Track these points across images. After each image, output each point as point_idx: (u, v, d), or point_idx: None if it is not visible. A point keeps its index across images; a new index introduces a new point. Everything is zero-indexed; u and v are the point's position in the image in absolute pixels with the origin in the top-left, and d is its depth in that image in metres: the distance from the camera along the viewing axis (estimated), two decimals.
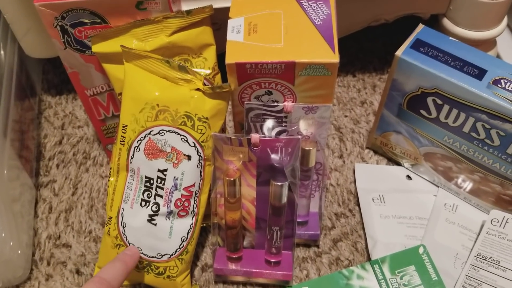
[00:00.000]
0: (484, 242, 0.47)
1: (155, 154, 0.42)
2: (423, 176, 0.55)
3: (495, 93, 0.42)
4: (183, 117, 0.41)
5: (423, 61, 0.45)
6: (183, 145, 0.41)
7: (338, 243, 0.51)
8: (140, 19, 0.42)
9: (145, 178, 0.42)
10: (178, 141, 0.41)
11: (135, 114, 0.42)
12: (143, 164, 0.42)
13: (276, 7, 0.42)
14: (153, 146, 0.41)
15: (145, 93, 0.41)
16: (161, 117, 0.41)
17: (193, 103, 0.41)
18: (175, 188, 0.42)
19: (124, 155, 0.43)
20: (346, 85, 0.65)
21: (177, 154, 0.42)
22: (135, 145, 0.42)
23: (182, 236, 0.44)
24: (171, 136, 0.41)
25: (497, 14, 0.55)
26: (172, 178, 0.42)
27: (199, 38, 0.44)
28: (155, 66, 0.41)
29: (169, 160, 0.42)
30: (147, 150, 0.42)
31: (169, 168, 0.42)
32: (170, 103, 0.41)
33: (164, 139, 0.41)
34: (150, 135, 0.41)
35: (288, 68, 0.39)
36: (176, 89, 0.41)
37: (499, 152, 0.45)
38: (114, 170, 0.44)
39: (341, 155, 0.58)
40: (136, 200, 0.43)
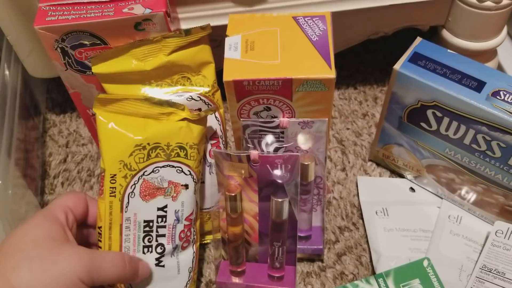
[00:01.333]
0: (489, 254, 0.47)
1: (152, 194, 0.41)
2: (427, 188, 0.54)
3: (494, 105, 0.42)
4: (176, 149, 0.41)
5: (422, 74, 0.45)
6: (179, 176, 0.41)
7: (342, 257, 0.51)
8: (139, 40, 0.43)
9: (144, 223, 0.41)
10: (174, 174, 0.41)
11: (124, 160, 0.40)
12: (140, 208, 0.41)
13: (273, 25, 0.43)
14: (149, 186, 0.41)
15: (132, 137, 0.41)
16: (153, 155, 0.41)
17: (183, 133, 0.41)
18: (178, 221, 0.42)
19: (117, 207, 0.41)
20: (348, 97, 0.65)
21: (175, 186, 0.41)
22: (129, 192, 0.40)
23: (189, 267, 0.43)
24: (166, 170, 0.41)
25: (496, 24, 0.56)
26: (173, 212, 0.41)
27: (197, 56, 0.45)
28: (134, 107, 0.41)
29: (168, 195, 0.41)
30: (143, 192, 0.40)
31: (169, 203, 0.41)
32: (161, 138, 0.41)
33: (160, 176, 0.41)
34: (144, 176, 0.40)
35: (285, 84, 0.40)
36: (163, 124, 0.41)
37: (501, 164, 0.45)
38: (106, 228, 0.41)
39: (344, 168, 0.58)
40: (138, 250, 0.41)
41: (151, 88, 0.45)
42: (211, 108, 0.41)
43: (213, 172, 0.48)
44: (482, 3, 0.53)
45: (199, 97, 0.45)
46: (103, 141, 0.41)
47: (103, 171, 0.41)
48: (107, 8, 0.42)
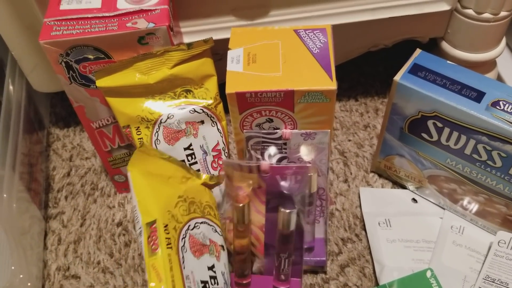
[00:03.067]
0: (492, 264, 0.47)
1: (200, 251, 0.38)
2: (429, 198, 0.55)
3: (494, 115, 0.43)
4: (207, 207, 0.41)
5: (422, 85, 0.45)
6: (215, 236, 0.41)
7: (345, 269, 0.51)
8: (143, 53, 0.43)
9: (201, 284, 0.36)
10: (211, 232, 0.40)
11: (171, 211, 0.37)
12: (195, 265, 0.37)
13: (274, 38, 0.43)
14: (196, 242, 0.38)
15: (174, 187, 0.39)
16: (192, 210, 0.39)
17: (207, 194, 0.42)
18: (226, 283, 0.39)
19: (176, 261, 0.35)
20: (349, 109, 0.66)
21: (215, 245, 0.39)
22: (181, 245, 0.36)
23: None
24: (204, 227, 0.40)
25: (494, 36, 0.56)
26: (221, 273, 0.39)
27: (200, 69, 0.45)
28: (164, 168, 0.40)
29: (212, 253, 0.39)
30: (192, 247, 0.37)
31: (215, 263, 0.39)
32: (194, 194, 0.40)
33: (202, 232, 0.39)
34: (189, 231, 0.38)
35: (287, 96, 0.40)
36: (190, 183, 0.41)
37: (502, 173, 0.45)
38: (169, 286, 0.34)
39: (346, 179, 0.59)
40: None
41: (155, 101, 0.45)
42: (220, 175, 0.43)
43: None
44: (480, 15, 0.53)
45: (202, 109, 0.46)
46: (145, 192, 0.38)
47: (153, 222, 0.36)
48: (111, 23, 0.43)
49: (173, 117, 0.45)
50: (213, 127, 0.47)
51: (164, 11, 0.44)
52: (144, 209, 0.36)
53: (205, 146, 0.46)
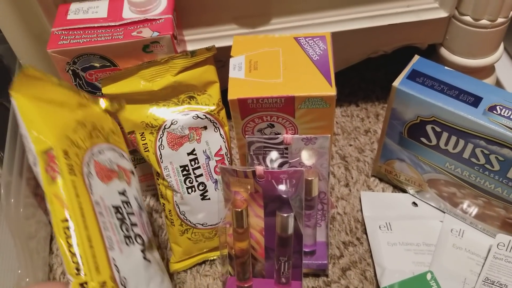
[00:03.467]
0: (491, 266, 0.47)
1: (108, 176, 0.35)
2: (429, 202, 0.55)
3: (491, 119, 0.43)
4: (110, 134, 0.38)
5: (420, 91, 0.46)
6: (123, 161, 0.38)
7: (347, 272, 0.52)
8: (147, 61, 0.44)
9: (113, 209, 0.34)
10: (118, 158, 0.37)
11: (69, 136, 0.34)
12: (104, 191, 0.34)
13: (275, 45, 0.44)
14: (103, 168, 0.35)
15: (69, 112, 0.35)
16: (94, 135, 0.36)
17: (109, 120, 0.39)
18: (140, 208, 0.37)
19: (82, 188, 0.32)
20: (350, 114, 0.67)
21: (124, 171, 0.37)
22: (86, 171, 0.33)
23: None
24: (110, 153, 0.37)
25: (492, 42, 0.57)
26: (134, 198, 0.37)
27: (203, 76, 0.46)
28: (56, 94, 0.36)
29: (121, 178, 0.36)
30: (99, 173, 0.35)
31: (126, 187, 0.36)
32: (94, 120, 0.37)
33: (108, 158, 0.36)
34: (94, 157, 0.35)
35: (288, 101, 0.41)
36: (88, 109, 0.37)
37: (500, 177, 0.46)
38: (77, 217, 0.31)
39: (347, 183, 0.59)
40: (121, 240, 0.34)
41: (159, 108, 0.46)
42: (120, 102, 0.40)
43: (218, 188, 0.49)
44: (478, 21, 0.54)
45: (205, 115, 0.47)
46: (35, 118, 0.33)
47: (49, 150, 0.32)
48: (116, 32, 0.44)
49: (176, 123, 0.46)
50: (216, 133, 0.48)
51: (168, 21, 0.45)
52: (36, 138, 0.32)
53: (208, 151, 0.47)
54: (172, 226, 0.50)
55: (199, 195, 0.48)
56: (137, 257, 0.34)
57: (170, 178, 0.47)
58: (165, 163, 0.47)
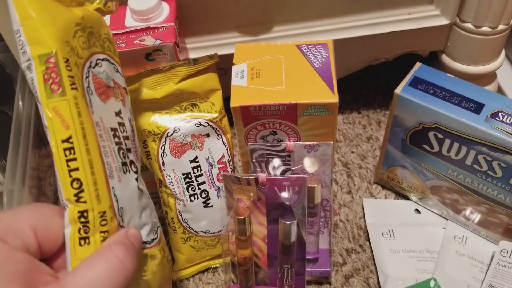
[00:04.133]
0: (494, 273, 0.47)
1: (106, 93, 0.31)
2: (432, 209, 0.55)
3: (493, 126, 0.43)
4: (106, 41, 0.32)
5: (422, 98, 0.46)
6: (117, 76, 0.33)
7: (350, 279, 0.52)
8: (150, 69, 0.44)
9: (111, 132, 0.31)
10: (113, 72, 0.33)
11: (69, 42, 0.28)
12: (103, 110, 0.30)
13: (277, 53, 0.45)
14: (100, 83, 0.31)
15: (69, 11, 0.29)
16: (92, 43, 0.31)
17: (104, 24, 0.33)
18: (133, 131, 0.33)
19: (83, 106, 0.28)
20: (352, 121, 0.67)
21: (119, 88, 0.33)
22: (85, 86, 0.29)
23: None
24: (106, 65, 0.32)
25: (494, 48, 0.57)
26: (128, 120, 0.33)
27: (205, 84, 0.47)
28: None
29: (117, 97, 0.32)
30: (98, 89, 0.30)
31: (121, 108, 0.32)
32: (92, 23, 0.31)
33: (104, 71, 0.31)
34: (92, 69, 0.30)
35: (290, 109, 0.41)
36: (85, 8, 0.31)
37: (503, 183, 0.46)
38: (79, 138, 0.27)
39: (350, 190, 0.59)
40: (119, 167, 0.30)
41: (161, 116, 0.46)
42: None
43: (221, 196, 0.49)
44: (479, 28, 0.54)
45: (207, 122, 0.47)
46: (36, 11, 0.27)
47: (50, 55, 0.27)
48: (119, 40, 0.44)
49: (179, 130, 0.46)
50: (219, 140, 0.48)
51: (170, 29, 0.45)
52: (34, 36, 0.27)
53: (211, 159, 0.47)
54: (175, 234, 0.50)
55: (202, 203, 0.48)
56: (133, 186, 0.31)
57: (173, 185, 0.47)
58: (167, 170, 0.47)
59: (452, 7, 0.54)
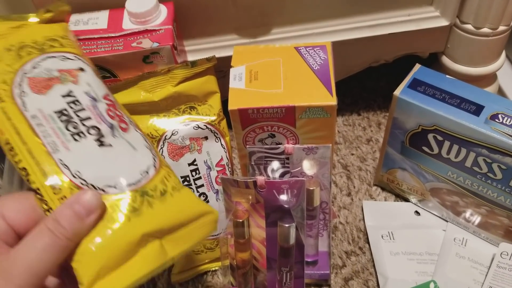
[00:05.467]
0: (494, 275, 0.47)
1: (46, 86, 0.34)
2: (432, 211, 0.55)
3: (493, 128, 0.43)
4: (47, 43, 0.36)
5: (421, 100, 0.46)
6: (66, 63, 0.36)
7: (349, 282, 0.51)
8: (147, 72, 0.44)
9: (56, 114, 0.34)
10: (59, 62, 0.36)
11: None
12: (42, 101, 0.34)
13: (275, 55, 0.45)
14: (39, 80, 0.34)
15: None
16: (24, 54, 0.35)
17: (45, 29, 0.37)
18: (95, 100, 0.35)
19: (13, 110, 0.33)
20: (352, 123, 0.66)
21: (68, 72, 0.35)
22: (17, 93, 0.34)
23: (144, 144, 0.36)
24: (48, 63, 0.35)
25: (494, 50, 0.57)
26: (84, 93, 0.35)
27: (203, 86, 0.46)
28: None
29: (65, 81, 0.35)
30: (35, 87, 0.34)
31: (72, 87, 0.35)
32: (23, 39, 0.36)
33: (44, 68, 0.35)
34: (27, 75, 0.34)
35: (288, 111, 0.41)
36: (18, 30, 0.36)
37: (502, 185, 0.45)
38: (13, 135, 0.33)
39: (349, 193, 0.59)
40: (67, 139, 0.34)
41: (159, 118, 0.46)
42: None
43: (220, 199, 0.49)
44: (479, 29, 0.54)
45: (206, 125, 0.47)
46: None
47: None
48: (116, 43, 0.44)
49: (177, 133, 0.46)
50: (217, 143, 0.48)
51: (168, 31, 0.45)
52: None
53: (209, 162, 0.47)
54: None
55: None
56: (90, 147, 0.34)
57: None
58: None
59: (452, 8, 0.54)
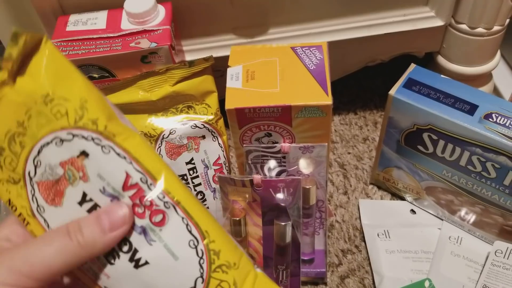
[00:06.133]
0: (489, 274, 0.47)
1: (57, 193, 0.28)
2: (427, 210, 0.55)
3: (487, 127, 0.44)
4: (36, 117, 0.28)
5: (416, 99, 0.47)
6: (65, 150, 0.28)
7: (345, 280, 0.52)
8: (145, 71, 0.45)
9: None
10: (57, 151, 0.28)
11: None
12: (60, 216, 0.28)
13: (272, 55, 0.45)
14: (47, 186, 0.28)
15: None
16: (18, 149, 0.28)
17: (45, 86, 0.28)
18: (116, 198, 0.28)
19: (40, 232, 0.28)
20: (348, 122, 0.67)
21: (72, 165, 0.28)
22: (34, 207, 0.28)
23: (189, 239, 0.29)
24: (46, 155, 0.28)
25: (489, 49, 0.57)
26: (100, 192, 0.28)
27: (201, 86, 0.47)
28: None
29: (73, 179, 0.28)
30: (47, 196, 0.28)
31: (84, 187, 0.28)
32: (6, 122, 0.28)
33: (48, 166, 0.28)
34: (34, 180, 0.28)
35: (284, 111, 0.42)
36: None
37: (497, 184, 0.46)
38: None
39: (346, 191, 0.60)
40: (102, 263, 0.29)
41: (157, 118, 0.47)
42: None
43: (217, 197, 0.49)
44: (474, 29, 0.55)
45: (203, 124, 0.47)
46: None
47: None
48: (115, 43, 0.45)
49: (175, 132, 0.46)
50: (214, 142, 0.48)
51: (166, 31, 0.45)
52: None
53: (207, 161, 0.47)
54: None
55: None
56: (127, 271, 0.29)
57: None
58: None
59: (447, 8, 0.54)
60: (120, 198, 0.28)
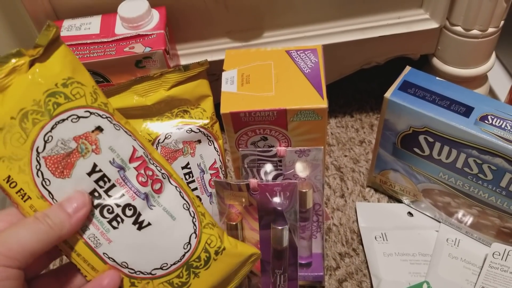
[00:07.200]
0: (487, 275, 0.47)
1: (67, 165, 0.31)
2: (425, 212, 0.55)
3: (483, 129, 0.44)
4: (49, 103, 0.30)
5: (412, 102, 0.47)
6: (81, 125, 0.31)
7: (343, 283, 0.52)
8: (140, 76, 0.45)
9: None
10: (72, 127, 0.31)
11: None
12: (67, 188, 0.31)
13: (267, 58, 0.45)
14: (55, 159, 0.31)
15: None
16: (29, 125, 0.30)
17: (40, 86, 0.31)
18: (123, 169, 0.32)
19: (43, 207, 0.31)
20: (345, 125, 0.67)
21: (86, 139, 0.31)
22: (38, 182, 0.31)
23: (182, 204, 0.34)
24: (58, 130, 0.31)
25: (484, 51, 0.58)
26: (109, 163, 0.32)
27: (196, 90, 0.47)
28: None
29: (86, 152, 0.31)
30: (55, 170, 0.31)
31: (96, 159, 0.31)
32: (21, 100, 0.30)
33: (57, 139, 0.30)
34: (41, 155, 0.30)
35: (280, 114, 0.41)
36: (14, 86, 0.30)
37: (493, 186, 0.46)
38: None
39: (343, 194, 0.59)
40: (106, 229, 0.32)
41: (152, 122, 0.47)
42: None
43: (213, 202, 0.49)
44: (468, 31, 0.55)
45: (199, 129, 0.47)
46: None
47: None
48: (109, 48, 0.44)
49: (170, 137, 0.46)
50: (210, 146, 0.48)
51: (160, 36, 0.45)
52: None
53: (203, 165, 0.47)
54: None
55: None
56: (130, 234, 0.33)
57: None
58: None
59: (441, 10, 0.54)
60: (126, 169, 0.32)
